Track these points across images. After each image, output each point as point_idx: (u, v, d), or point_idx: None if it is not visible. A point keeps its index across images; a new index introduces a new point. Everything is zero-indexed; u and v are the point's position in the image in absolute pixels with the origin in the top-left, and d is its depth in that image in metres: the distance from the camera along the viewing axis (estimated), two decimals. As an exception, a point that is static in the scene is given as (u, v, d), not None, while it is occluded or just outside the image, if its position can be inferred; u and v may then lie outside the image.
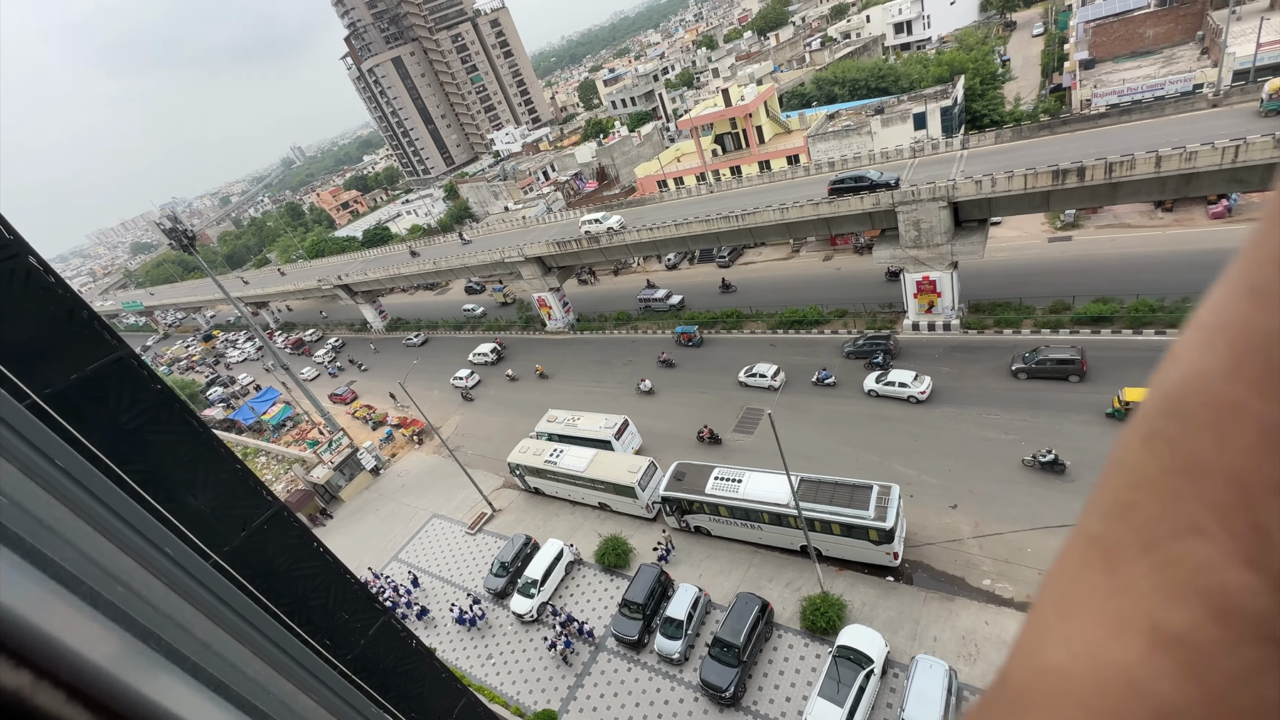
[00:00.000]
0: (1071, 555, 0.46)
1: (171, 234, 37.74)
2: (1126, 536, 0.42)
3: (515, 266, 50.05)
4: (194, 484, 2.47)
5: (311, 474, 41.42)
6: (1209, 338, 0.40)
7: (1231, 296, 0.40)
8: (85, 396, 2.20)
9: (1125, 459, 0.44)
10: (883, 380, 31.22)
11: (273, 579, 2.66)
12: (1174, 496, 0.39)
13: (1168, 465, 0.40)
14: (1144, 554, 0.40)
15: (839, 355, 35.53)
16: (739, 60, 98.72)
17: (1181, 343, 0.43)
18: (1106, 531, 0.43)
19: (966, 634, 19.85)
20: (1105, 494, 0.45)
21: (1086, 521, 0.46)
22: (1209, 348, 0.40)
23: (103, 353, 2.22)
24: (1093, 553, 0.44)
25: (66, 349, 2.12)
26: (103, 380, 2.24)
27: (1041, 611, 0.47)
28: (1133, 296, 30.85)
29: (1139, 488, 0.42)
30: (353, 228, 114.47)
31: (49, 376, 2.06)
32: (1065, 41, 64.97)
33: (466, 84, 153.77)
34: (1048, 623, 0.46)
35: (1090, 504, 0.46)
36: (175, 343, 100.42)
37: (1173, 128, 29.46)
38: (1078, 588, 0.44)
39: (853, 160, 41.01)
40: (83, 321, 2.18)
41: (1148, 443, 0.42)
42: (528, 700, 23.45)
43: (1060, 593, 0.46)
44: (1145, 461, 0.42)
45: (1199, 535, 0.37)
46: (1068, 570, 0.46)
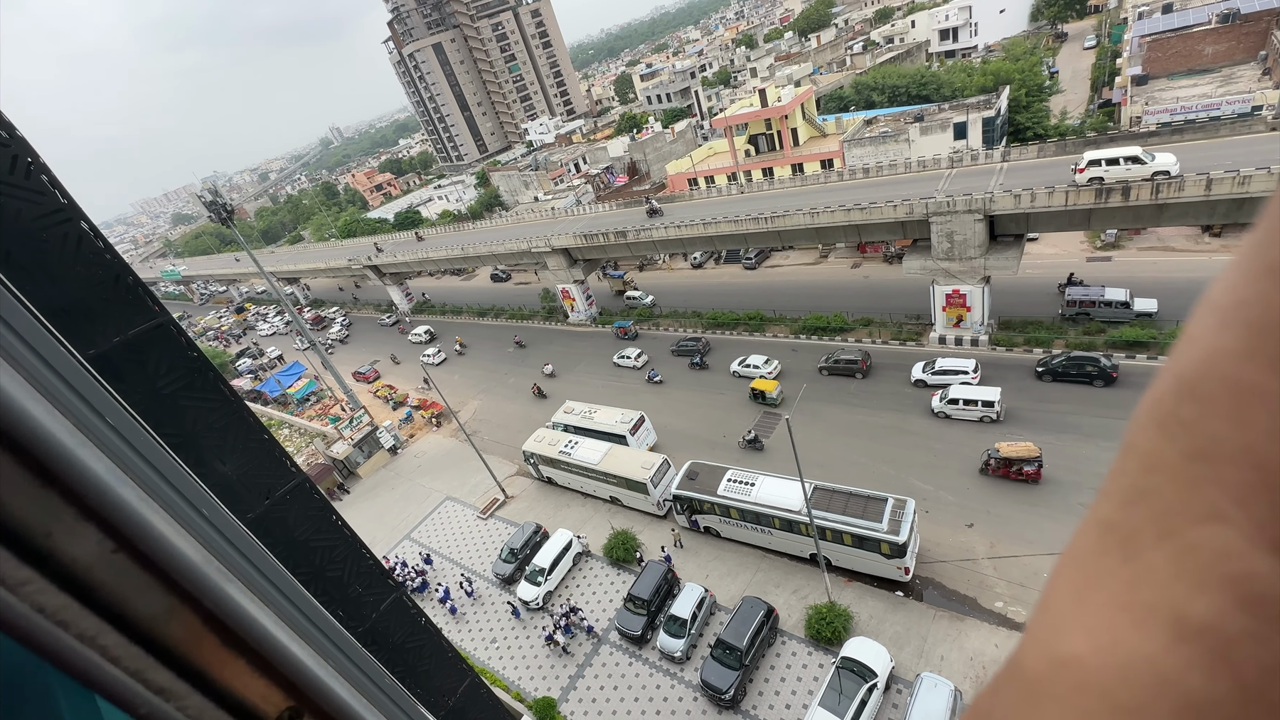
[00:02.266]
0: (1086, 541, 0.45)
1: (211, 207, 38.77)
2: (1144, 523, 0.40)
3: (542, 257, 50.36)
4: (223, 450, 2.55)
5: (331, 449, 42.32)
6: (1224, 317, 0.39)
7: (1247, 275, 0.38)
8: (126, 359, 2.27)
9: (1140, 443, 0.42)
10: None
11: (293, 548, 2.73)
12: (1192, 481, 0.38)
13: (1185, 449, 0.39)
14: (1163, 541, 0.39)
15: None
16: (778, 61, 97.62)
17: (1195, 323, 0.41)
18: (1123, 518, 0.42)
19: (975, 655, 19.51)
20: (1120, 479, 0.43)
21: (1101, 507, 0.44)
22: (1225, 327, 0.39)
23: (145, 318, 2.29)
24: (1109, 539, 0.43)
25: (111, 312, 2.20)
26: (143, 345, 2.31)
27: (1056, 598, 0.45)
28: (1172, 323, 29.87)
29: (1155, 472, 0.41)
30: (385, 210, 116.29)
31: (94, 338, 2.14)
32: (1118, 56, 62.92)
33: (504, 73, 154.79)
34: (1064, 610, 0.44)
35: (1104, 489, 0.45)
36: (209, 313, 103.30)
37: (1227, 150, 28.36)
38: (1094, 575, 0.43)
39: (888, 167, 40.31)
40: (128, 287, 2.25)
41: (1163, 427, 0.41)
42: (528, 686, 23.71)
43: (1076, 580, 0.44)
44: (1161, 446, 0.41)
45: (1220, 521, 0.36)
46: (1083, 557, 0.44)
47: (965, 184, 33.24)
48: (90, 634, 0.58)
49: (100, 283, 2.16)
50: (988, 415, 28.00)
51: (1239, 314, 0.38)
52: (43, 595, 0.54)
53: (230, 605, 0.67)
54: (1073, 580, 0.44)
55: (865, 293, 42.86)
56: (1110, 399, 27.38)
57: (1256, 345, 0.36)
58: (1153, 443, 0.41)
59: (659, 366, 41.72)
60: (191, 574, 0.66)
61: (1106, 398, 27.53)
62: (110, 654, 0.59)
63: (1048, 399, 28.59)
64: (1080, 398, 28.03)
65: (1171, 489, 0.39)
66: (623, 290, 56.66)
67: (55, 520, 0.56)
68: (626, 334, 47.83)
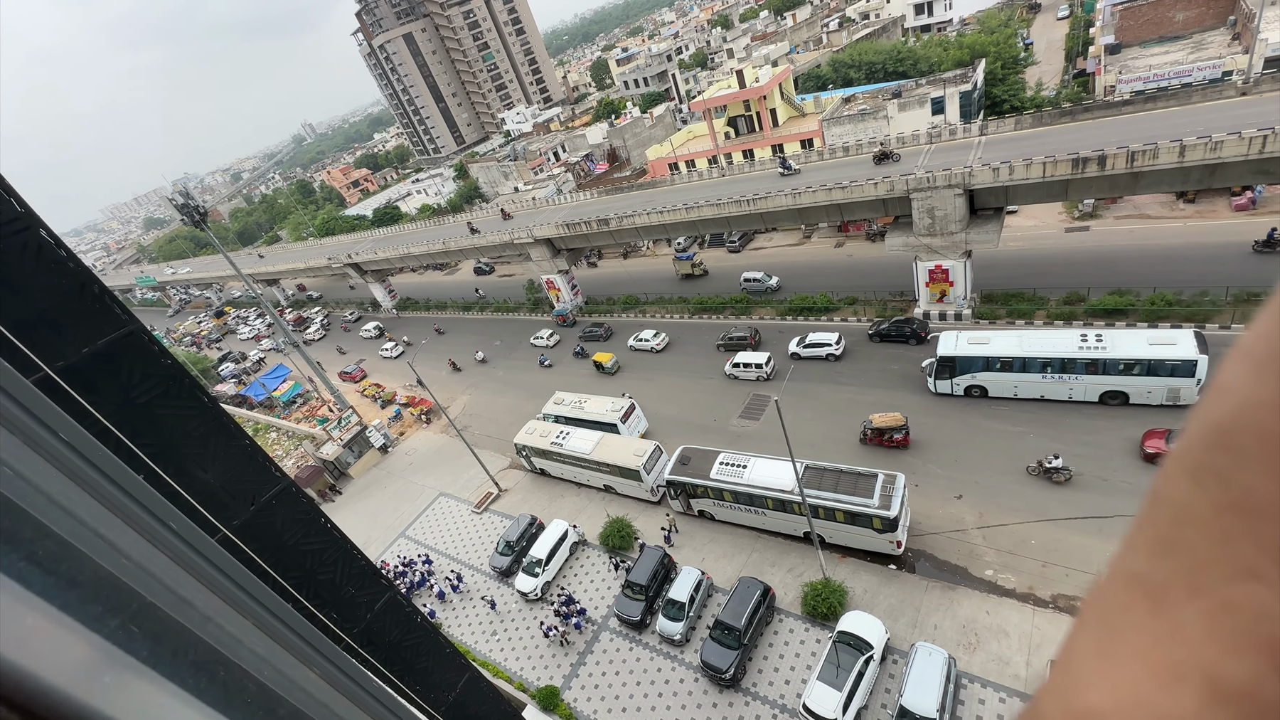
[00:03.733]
0: (1112, 594, 0.43)
1: (184, 210, 37.89)
2: (1174, 578, 0.39)
3: (524, 248, 49.93)
4: (204, 458, 2.50)
5: (321, 450, 41.96)
6: (1260, 366, 0.37)
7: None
8: (96, 370, 2.21)
9: (1170, 494, 0.41)
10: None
11: (281, 553, 2.70)
12: (1226, 535, 0.37)
13: (1218, 502, 0.37)
14: (1194, 598, 0.37)
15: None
16: (754, 41, 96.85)
17: (1228, 370, 0.40)
18: (1151, 571, 0.40)
19: (967, 623, 19.96)
20: (1148, 530, 0.42)
21: (1128, 559, 0.42)
22: (1261, 377, 0.37)
23: (114, 327, 2.23)
24: (1136, 593, 0.41)
25: (78, 323, 2.13)
26: (114, 354, 2.25)
27: (1079, 650, 0.43)
28: (1150, 289, 30.37)
29: (1187, 525, 0.39)
30: (363, 206, 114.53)
31: (61, 349, 2.07)
32: (1091, 25, 63.21)
33: (478, 62, 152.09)
34: (1087, 663, 0.42)
35: (1130, 540, 0.43)
36: (188, 318, 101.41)
37: (1199, 116, 28.71)
38: (1120, 629, 0.41)
39: (868, 145, 40.35)
40: (94, 296, 2.19)
41: (1195, 477, 0.39)
42: (530, 676, 23.90)
43: (1100, 633, 0.42)
44: (1193, 497, 0.39)
45: (1257, 580, 0.34)
46: (1108, 609, 0.42)
47: (944, 159, 33.38)
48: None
49: (64, 292, 2.10)
50: (761, 375, 34.84)
51: (1276, 364, 0.37)
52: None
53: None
54: (1097, 633, 0.43)
55: (849, 271, 43.06)
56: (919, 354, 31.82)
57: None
58: (1183, 493, 0.40)
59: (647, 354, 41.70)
60: None
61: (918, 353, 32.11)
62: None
63: (877, 356, 33.63)
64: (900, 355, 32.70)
65: (1203, 543, 0.38)
66: (692, 273, 50.81)
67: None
68: (565, 321, 50.45)
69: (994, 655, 18.84)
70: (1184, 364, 24.06)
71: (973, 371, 28.24)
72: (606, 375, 41.21)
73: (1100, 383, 25.82)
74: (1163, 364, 24.43)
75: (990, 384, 28.13)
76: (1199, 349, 23.77)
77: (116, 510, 0.68)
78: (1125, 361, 25.02)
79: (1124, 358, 25.00)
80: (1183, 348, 24.15)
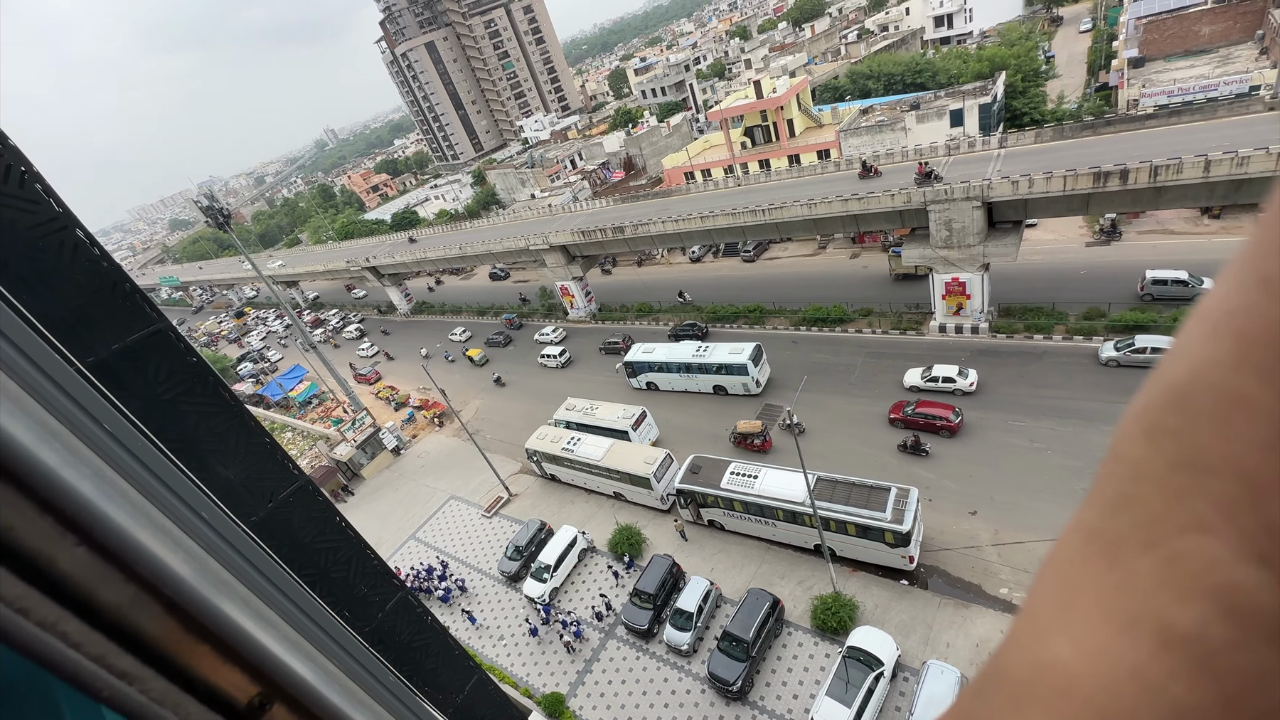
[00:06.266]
0: (1070, 548, 0.45)
1: (208, 212, 38.72)
2: (1129, 531, 0.40)
3: (540, 254, 50.28)
4: (225, 455, 2.56)
5: (335, 451, 42.40)
6: (1214, 328, 0.39)
7: (1238, 286, 0.38)
8: (125, 366, 2.28)
9: (1126, 452, 0.42)
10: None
11: (297, 550, 2.74)
12: (1178, 491, 0.38)
13: (1171, 459, 0.39)
14: (1147, 550, 0.39)
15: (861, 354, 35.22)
16: (772, 51, 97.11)
17: (1185, 333, 0.42)
18: (1107, 525, 0.42)
19: (981, 642, 19.57)
20: (1105, 487, 0.43)
21: (1086, 514, 0.44)
22: (1215, 338, 0.39)
23: (143, 324, 2.30)
24: (1093, 547, 0.43)
25: (109, 320, 2.20)
26: (142, 351, 2.32)
27: (1039, 603, 0.45)
28: (1173, 306, 29.82)
29: (1141, 482, 0.41)
30: (382, 210, 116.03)
31: (93, 345, 2.14)
32: (1114, 38, 62.58)
33: (498, 70, 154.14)
34: (1047, 615, 0.44)
35: (1090, 497, 0.45)
36: (209, 318, 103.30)
37: (1225, 131, 28.24)
38: (1078, 581, 0.43)
39: (885, 156, 40.19)
40: (125, 294, 2.25)
41: (1150, 436, 0.41)
42: (536, 683, 23.83)
43: (1059, 586, 0.44)
44: (1148, 455, 0.41)
45: (1206, 532, 0.36)
46: (1066, 563, 0.44)
47: (963, 171, 33.12)
48: (51, 620, 0.59)
49: (97, 290, 2.16)
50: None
51: (1229, 324, 0.38)
52: (4, 586, 0.56)
53: (190, 592, 0.69)
54: (1056, 586, 0.44)
55: (865, 283, 42.79)
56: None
57: (1245, 356, 0.36)
58: (1139, 451, 0.41)
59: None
60: (150, 563, 0.67)
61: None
62: (71, 640, 0.60)
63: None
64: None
65: (1157, 498, 0.39)
66: (915, 273, 39.60)
67: (16, 516, 0.57)
68: (513, 324, 54.91)
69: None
70: (739, 366, 34.04)
71: (646, 372, 38.53)
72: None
73: (709, 379, 35.89)
74: (731, 366, 34.43)
75: (657, 380, 38.36)
76: (750, 357, 33.69)
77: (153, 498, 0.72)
78: (717, 364, 34.97)
79: (715, 361, 35.02)
80: (741, 356, 33.96)
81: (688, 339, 41.73)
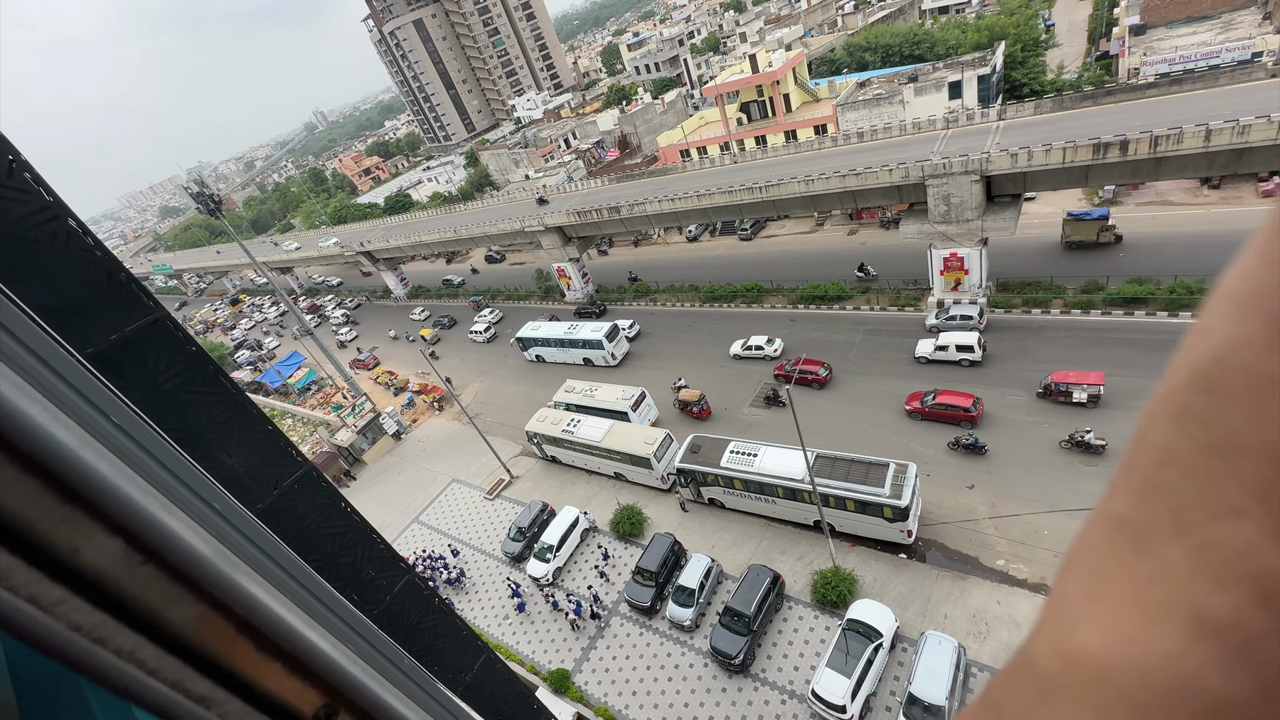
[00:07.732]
0: (1098, 537, 0.43)
1: (198, 198, 38.27)
2: (1159, 519, 0.39)
3: (535, 236, 49.89)
4: (228, 443, 2.55)
5: (335, 437, 42.52)
6: (1241, 307, 0.37)
7: (1265, 262, 0.37)
8: (125, 357, 2.26)
9: (1153, 437, 0.41)
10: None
11: (304, 536, 2.76)
12: (1209, 476, 0.37)
13: (1200, 443, 0.38)
14: (1179, 537, 0.38)
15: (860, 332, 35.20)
16: (768, 24, 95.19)
17: (1209, 313, 0.40)
18: (1136, 513, 0.41)
19: (978, 612, 19.94)
20: (1132, 474, 0.42)
21: (1113, 502, 0.43)
22: (1242, 318, 0.37)
23: (141, 314, 2.27)
24: (1122, 535, 0.41)
25: (106, 310, 2.18)
26: (141, 341, 2.30)
27: (1067, 593, 0.44)
28: (1170, 278, 29.78)
29: (1170, 467, 0.39)
30: (375, 194, 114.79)
31: (91, 336, 2.12)
32: (1115, 5, 61.46)
33: (488, 47, 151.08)
34: (1076, 606, 0.43)
35: (1115, 484, 0.44)
36: (204, 305, 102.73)
37: (1226, 99, 27.90)
38: (1107, 570, 0.42)
39: (883, 130, 39.71)
40: (121, 283, 2.23)
41: (1177, 420, 0.40)
42: (542, 660, 24.26)
43: (1088, 575, 0.43)
44: (1175, 440, 0.39)
45: (1238, 517, 0.35)
46: (1094, 552, 0.43)
47: (961, 145, 32.77)
48: (128, 648, 0.58)
49: (93, 280, 2.14)
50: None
51: (1257, 304, 0.37)
52: (78, 614, 0.54)
53: (259, 608, 0.67)
54: (1084, 575, 0.43)
55: (863, 259, 42.59)
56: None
57: (1276, 336, 0.35)
58: (1167, 436, 0.40)
59: (654, 341, 41.71)
60: (218, 579, 0.65)
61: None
62: (148, 666, 0.59)
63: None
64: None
65: (1187, 484, 0.38)
66: (1098, 240, 35.12)
67: (82, 537, 0.55)
68: (480, 306, 56.20)
69: (1005, 645, 18.83)
70: (597, 342, 39.64)
71: (534, 346, 44.28)
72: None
73: (579, 353, 41.34)
74: (591, 342, 39.76)
75: (544, 354, 44.02)
76: (605, 335, 39.37)
77: (168, 492, 0.71)
78: (583, 340, 40.39)
79: (580, 338, 40.73)
80: (599, 334, 39.54)
81: (588, 318, 47.43)
